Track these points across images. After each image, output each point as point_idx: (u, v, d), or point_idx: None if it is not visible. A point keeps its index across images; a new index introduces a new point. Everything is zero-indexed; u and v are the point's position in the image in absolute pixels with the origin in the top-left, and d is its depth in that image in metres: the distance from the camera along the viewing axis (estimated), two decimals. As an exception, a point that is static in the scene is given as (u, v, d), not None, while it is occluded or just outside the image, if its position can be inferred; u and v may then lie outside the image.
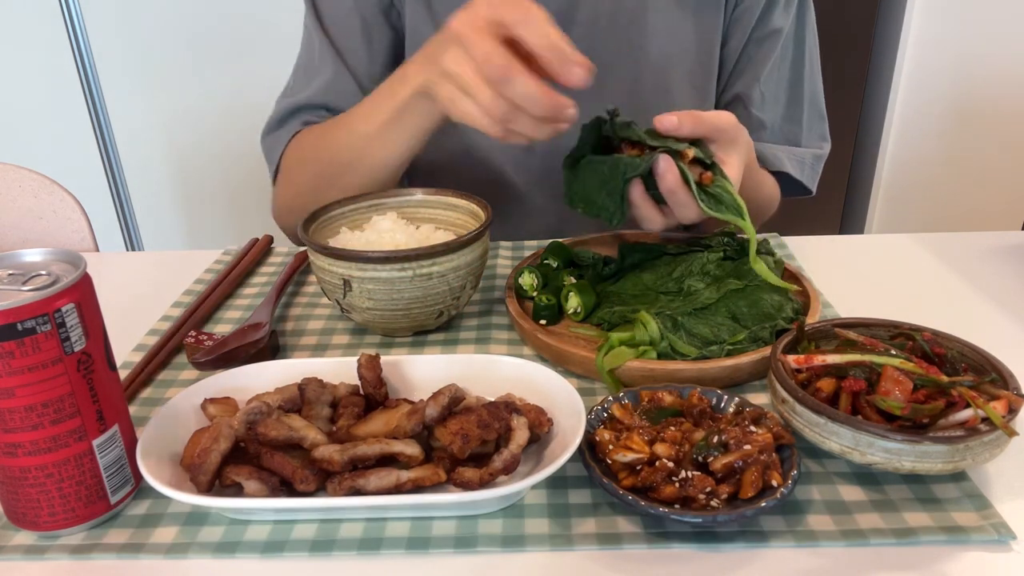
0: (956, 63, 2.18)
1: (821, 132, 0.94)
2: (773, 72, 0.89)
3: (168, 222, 2.33)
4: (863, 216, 2.42)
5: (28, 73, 2.05)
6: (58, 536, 0.46)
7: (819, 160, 0.93)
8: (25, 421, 0.43)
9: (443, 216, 0.74)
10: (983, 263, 0.80)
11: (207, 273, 0.81)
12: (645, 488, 0.45)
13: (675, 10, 0.86)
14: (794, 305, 0.65)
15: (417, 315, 0.65)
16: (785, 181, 0.91)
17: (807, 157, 0.91)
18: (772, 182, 0.89)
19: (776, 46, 0.88)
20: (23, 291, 0.42)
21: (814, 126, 0.93)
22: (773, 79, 0.89)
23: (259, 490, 0.46)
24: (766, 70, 0.88)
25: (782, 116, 0.91)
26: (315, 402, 0.52)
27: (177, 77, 2.11)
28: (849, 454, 0.47)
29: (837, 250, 0.85)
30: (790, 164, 0.89)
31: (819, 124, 0.94)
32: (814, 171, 0.92)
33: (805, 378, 0.52)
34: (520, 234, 0.91)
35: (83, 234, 1.12)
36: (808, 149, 0.92)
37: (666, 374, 0.57)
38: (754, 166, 0.78)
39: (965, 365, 0.52)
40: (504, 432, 0.48)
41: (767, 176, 0.88)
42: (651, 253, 0.74)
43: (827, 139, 0.94)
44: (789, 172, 0.89)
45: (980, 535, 0.45)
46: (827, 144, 0.94)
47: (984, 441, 0.45)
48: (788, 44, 0.89)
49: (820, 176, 0.94)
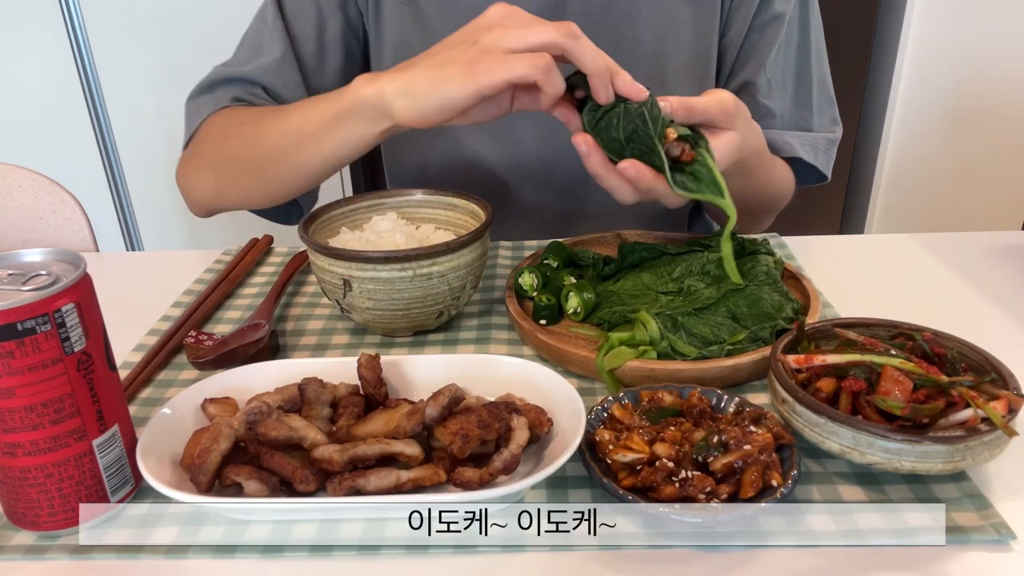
0: (956, 63, 2.18)
1: (832, 116, 0.92)
2: (778, 59, 0.88)
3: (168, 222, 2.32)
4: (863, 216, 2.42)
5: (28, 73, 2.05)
6: (58, 536, 0.46)
7: (832, 144, 0.91)
8: (25, 421, 0.43)
9: (443, 216, 0.74)
10: (983, 263, 0.80)
11: (207, 273, 0.81)
12: (645, 488, 0.45)
13: (668, 1, 0.85)
14: (794, 305, 0.65)
15: (417, 315, 0.65)
16: (799, 169, 0.89)
17: (820, 141, 0.89)
18: (785, 169, 0.88)
19: (780, 32, 0.86)
20: (23, 291, 0.42)
21: (824, 110, 0.91)
22: (779, 66, 0.88)
23: (259, 490, 0.46)
24: (771, 57, 0.87)
25: (791, 102, 0.90)
26: (315, 402, 0.52)
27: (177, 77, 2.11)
28: (849, 454, 0.47)
29: (837, 250, 0.85)
30: (802, 150, 0.87)
31: (829, 108, 0.92)
32: (828, 155, 0.90)
33: (805, 378, 0.51)
34: (520, 234, 0.91)
35: (83, 234, 1.12)
36: (820, 133, 0.90)
37: (666, 374, 0.57)
38: (764, 152, 0.76)
39: (965, 365, 0.52)
40: (504, 432, 0.48)
41: (779, 163, 0.86)
42: (651, 253, 0.74)
43: (838, 123, 0.93)
44: (802, 157, 0.87)
45: (980, 535, 0.44)
46: (839, 128, 0.92)
47: (984, 441, 0.45)
48: (792, 29, 0.88)
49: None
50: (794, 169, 0.89)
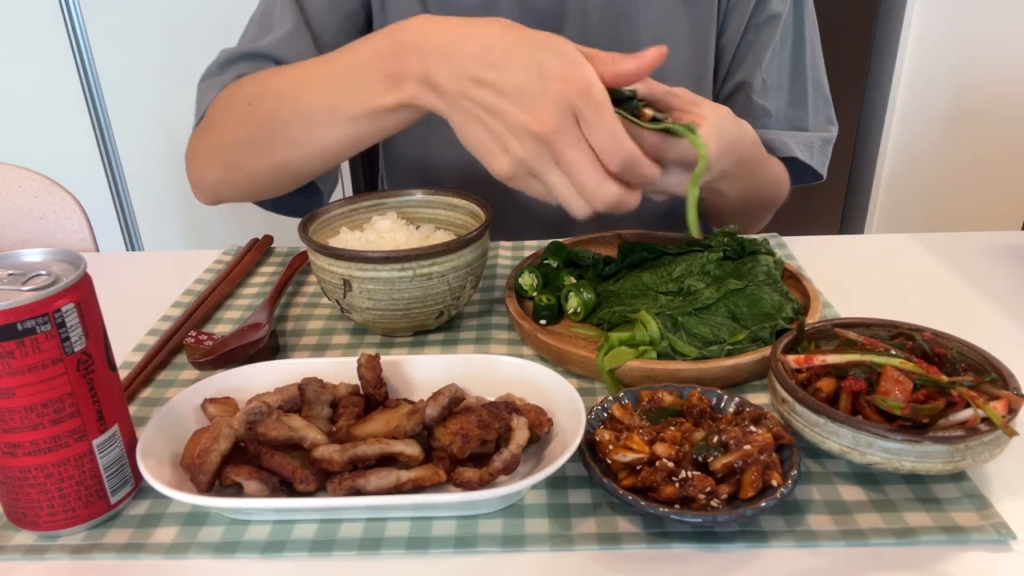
0: (956, 63, 2.18)
1: (828, 115, 0.93)
2: (774, 58, 0.88)
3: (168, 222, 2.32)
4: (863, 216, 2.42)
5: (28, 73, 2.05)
6: (58, 536, 0.46)
7: (827, 144, 0.91)
8: (25, 421, 0.43)
9: (443, 216, 0.74)
10: (983, 263, 0.80)
11: (207, 273, 0.81)
12: (645, 488, 0.45)
13: (667, 1, 0.85)
14: (794, 305, 0.65)
15: (417, 315, 0.65)
16: (795, 168, 0.90)
17: (815, 141, 0.90)
18: (781, 168, 0.88)
19: (775, 32, 0.87)
20: (23, 291, 0.42)
21: (820, 110, 0.92)
22: (774, 66, 0.88)
23: (259, 490, 0.46)
24: (767, 56, 0.87)
25: (786, 102, 0.90)
26: (315, 402, 0.52)
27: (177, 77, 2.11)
28: (849, 454, 0.47)
29: (837, 250, 0.85)
30: (798, 149, 0.88)
31: (825, 108, 0.92)
32: (823, 155, 0.91)
33: (805, 378, 0.51)
34: (520, 234, 0.90)
35: (83, 234, 1.12)
36: (815, 133, 0.91)
37: (666, 374, 0.57)
38: (758, 147, 0.77)
39: (965, 365, 0.52)
40: (504, 432, 0.48)
41: (775, 162, 0.87)
42: (651, 253, 0.74)
43: (834, 122, 0.93)
44: (798, 157, 0.87)
45: (980, 535, 0.44)
46: (834, 127, 0.93)
47: (984, 441, 0.45)
48: (787, 29, 0.88)
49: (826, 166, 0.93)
50: (790, 168, 0.89)
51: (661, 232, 0.80)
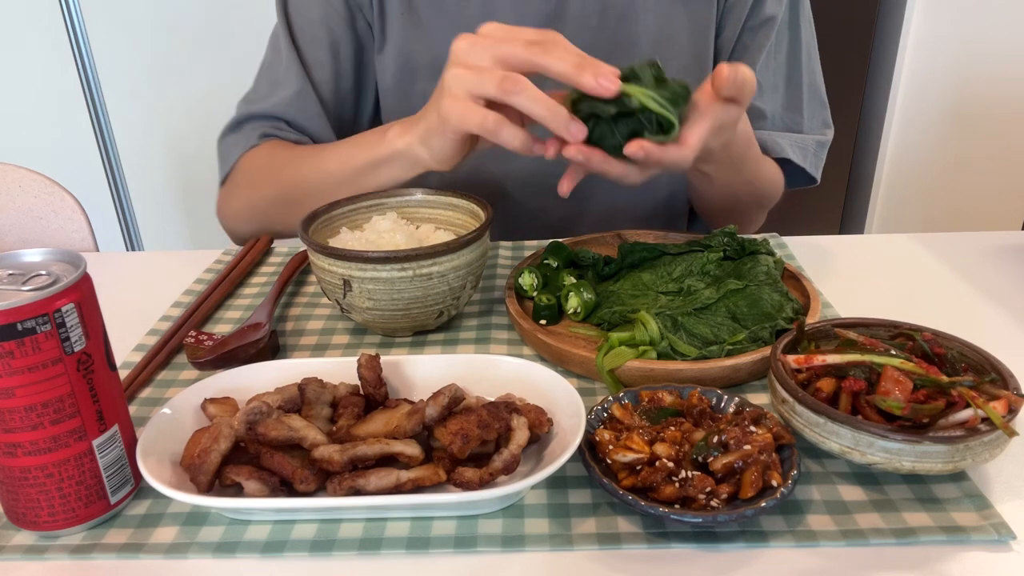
0: (956, 63, 2.18)
1: (823, 119, 0.93)
2: (769, 61, 0.88)
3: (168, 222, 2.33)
4: (863, 216, 2.42)
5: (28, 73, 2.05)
6: (58, 536, 0.46)
7: (822, 147, 0.91)
8: (25, 421, 0.43)
9: (443, 216, 0.74)
10: (983, 263, 0.80)
11: (207, 273, 0.81)
12: (645, 488, 0.45)
13: (665, 4, 0.85)
14: (794, 305, 0.65)
15: (417, 315, 0.65)
16: (789, 172, 0.90)
17: (809, 144, 0.90)
18: (774, 168, 0.88)
19: (771, 34, 0.87)
20: (23, 291, 0.42)
21: (815, 113, 0.92)
22: (770, 68, 0.89)
23: (259, 490, 0.46)
24: (762, 58, 0.87)
25: (782, 104, 0.90)
26: (315, 402, 0.52)
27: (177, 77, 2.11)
28: (849, 454, 0.47)
29: (837, 250, 0.85)
30: (792, 151, 0.88)
31: (820, 111, 0.93)
32: (817, 158, 0.91)
33: (805, 378, 0.51)
34: (520, 234, 0.90)
35: (83, 234, 1.12)
36: (810, 136, 0.91)
37: (666, 374, 0.57)
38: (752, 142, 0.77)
39: (965, 365, 0.52)
40: (504, 432, 0.48)
41: (769, 161, 0.87)
42: (651, 253, 0.74)
43: (830, 126, 0.93)
44: (791, 158, 0.88)
45: (980, 535, 0.45)
46: (830, 131, 0.93)
47: (984, 441, 0.45)
48: (783, 31, 0.89)
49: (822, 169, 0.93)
50: (784, 171, 0.89)
51: (661, 232, 0.80)
